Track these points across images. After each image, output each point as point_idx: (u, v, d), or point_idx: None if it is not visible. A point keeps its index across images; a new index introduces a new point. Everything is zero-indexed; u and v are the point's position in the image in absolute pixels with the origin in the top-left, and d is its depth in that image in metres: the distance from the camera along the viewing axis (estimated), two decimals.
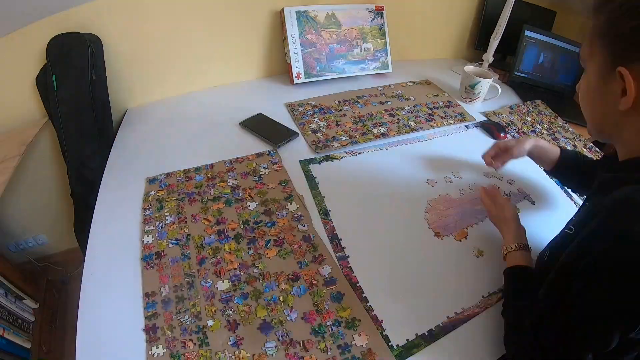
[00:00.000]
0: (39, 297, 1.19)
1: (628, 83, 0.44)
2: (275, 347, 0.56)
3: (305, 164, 0.90)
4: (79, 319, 0.57)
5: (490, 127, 1.11)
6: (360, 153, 0.96)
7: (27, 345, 1.04)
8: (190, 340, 0.56)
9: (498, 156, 0.86)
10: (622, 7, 0.44)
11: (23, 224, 1.28)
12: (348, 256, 0.70)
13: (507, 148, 0.84)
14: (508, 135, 1.10)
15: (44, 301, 1.21)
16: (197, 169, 0.87)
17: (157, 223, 0.74)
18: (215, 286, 0.63)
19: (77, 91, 0.94)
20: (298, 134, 1.00)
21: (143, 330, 0.57)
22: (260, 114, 1.06)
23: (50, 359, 1.10)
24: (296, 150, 0.96)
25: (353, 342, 0.57)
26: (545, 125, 1.20)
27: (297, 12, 1.16)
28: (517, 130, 1.14)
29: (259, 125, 1.02)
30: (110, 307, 0.60)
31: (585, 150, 1.13)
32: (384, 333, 0.59)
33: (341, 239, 0.73)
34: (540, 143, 0.84)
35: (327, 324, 0.59)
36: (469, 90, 1.21)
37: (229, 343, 0.56)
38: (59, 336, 1.20)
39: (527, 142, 0.83)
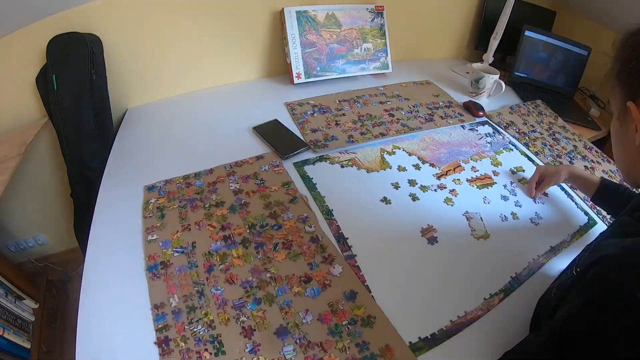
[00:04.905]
0: (39, 297, 1.19)
1: (636, 117, 0.43)
2: (294, 350, 0.55)
3: (299, 165, 0.90)
4: (79, 319, 0.57)
5: (470, 106, 1.19)
6: (354, 153, 0.96)
7: (27, 345, 1.04)
8: (206, 350, 0.55)
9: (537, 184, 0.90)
10: (634, 45, 0.44)
11: (23, 224, 1.28)
12: (355, 255, 0.70)
13: (545, 176, 0.89)
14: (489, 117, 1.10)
15: (44, 301, 1.21)
16: (197, 175, 0.86)
17: (160, 232, 0.72)
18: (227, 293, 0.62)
19: (77, 91, 0.94)
20: (308, 146, 0.95)
21: (155, 343, 0.55)
22: (275, 120, 1.04)
23: (50, 359, 1.10)
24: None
25: (370, 340, 0.57)
26: (546, 126, 1.20)
27: (297, 12, 1.16)
28: (517, 130, 1.14)
29: (271, 132, 0.99)
30: (112, 309, 0.60)
31: (585, 150, 1.13)
32: None
33: (347, 238, 0.73)
34: (576, 172, 0.86)
35: (344, 323, 0.59)
36: (474, 85, 1.26)
37: (246, 350, 0.55)
38: (59, 336, 1.20)
39: (562, 174, 0.86)
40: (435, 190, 0.87)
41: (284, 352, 0.55)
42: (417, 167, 0.93)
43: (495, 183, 0.92)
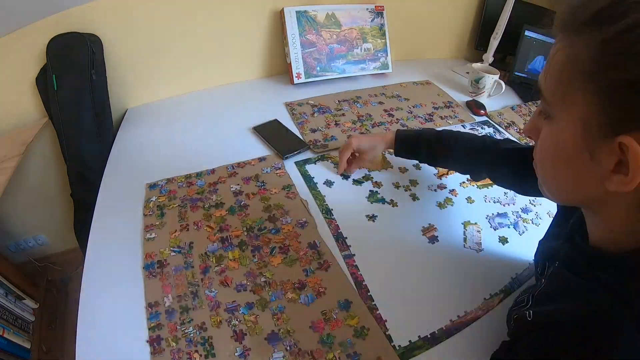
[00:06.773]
0: (39, 297, 1.19)
1: (633, 159, 0.27)
2: (284, 357, 0.55)
3: (301, 164, 0.90)
4: (79, 319, 0.57)
5: (471, 105, 1.21)
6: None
7: (27, 345, 1.04)
8: (196, 351, 0.55)
9: (352, 161, 0.86)
10: (635, 31, 0.26)
11: (23, 224, 1.28)
12: (354, 254, 0.70)
13: (360, 152, 0.84)
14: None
15: (44, 301, 1.21)
16: (199, 174, 0.86)
17: (159, 230, 0.72)
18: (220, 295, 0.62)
19: (77, 91, 0.94)
20: (308, 146, 0.95)
21: (147, 342, 0.55)
22: (275, 120, 1.04)
23: (50, 359, 1.10)
24: None
25: (362, 351, 0.56)
26: None
27: (297, 12, 1.16)
28: (518, 130, 1.14)
29: (271, 133, 0.98)
30: (110, 307, 0.60)
31: None
32: (387, 333, 0.59)
33: (346, 237, 0.73)
34: (388, 139, 0.81)
35: (335, 333, 0.58)
36: (474, 85, 1.26)
37: (236, 354, 0.55)
38: (59, 336, 1.20)
39: (379, 147, 0.82)
40: (435, 190, 0.87)
41: (274, 358, 0.54)
42: (417, 167, 0.93)
43: None
